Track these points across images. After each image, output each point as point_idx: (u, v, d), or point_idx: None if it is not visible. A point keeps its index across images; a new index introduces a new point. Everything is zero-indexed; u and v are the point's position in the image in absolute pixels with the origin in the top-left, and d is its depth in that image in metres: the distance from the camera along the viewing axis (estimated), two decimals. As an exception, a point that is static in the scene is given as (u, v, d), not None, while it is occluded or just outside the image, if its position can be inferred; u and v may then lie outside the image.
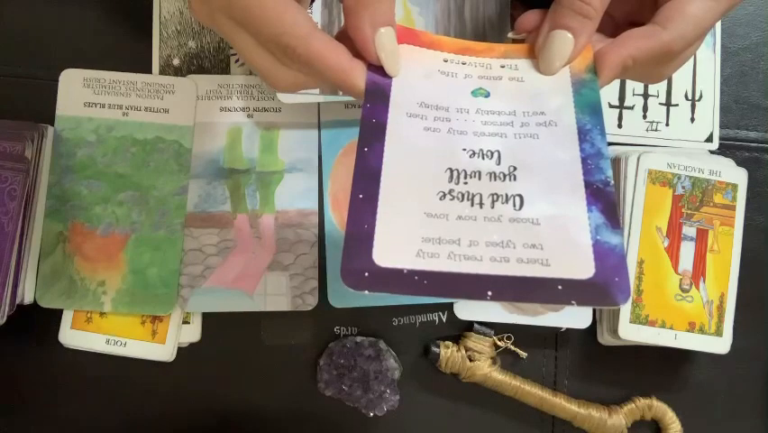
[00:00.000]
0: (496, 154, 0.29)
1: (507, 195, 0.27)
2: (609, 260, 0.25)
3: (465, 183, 0.28)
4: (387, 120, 0.29)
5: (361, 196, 0.27)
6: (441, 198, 0.27)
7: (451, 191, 0.27)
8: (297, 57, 0.29)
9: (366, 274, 0.24)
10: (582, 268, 0.25)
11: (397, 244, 0.25)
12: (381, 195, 0.27)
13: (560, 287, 0.24)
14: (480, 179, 0.28)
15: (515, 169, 0.28)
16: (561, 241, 0.26)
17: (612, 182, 0.27)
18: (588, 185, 0.27)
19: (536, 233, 0.26)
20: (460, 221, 0.26)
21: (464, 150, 0.29)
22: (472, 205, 0.27)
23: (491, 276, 0.25)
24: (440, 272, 0.25)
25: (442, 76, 0.32)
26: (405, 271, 0.25)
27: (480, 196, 0.27)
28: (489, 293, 0.24)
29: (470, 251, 0.25)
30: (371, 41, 0.30)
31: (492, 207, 0.27)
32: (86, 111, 0.46)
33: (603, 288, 0.24)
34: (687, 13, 0.31)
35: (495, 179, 0.28)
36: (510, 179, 0.28)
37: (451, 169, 0.28)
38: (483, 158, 0.29)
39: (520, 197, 0.27)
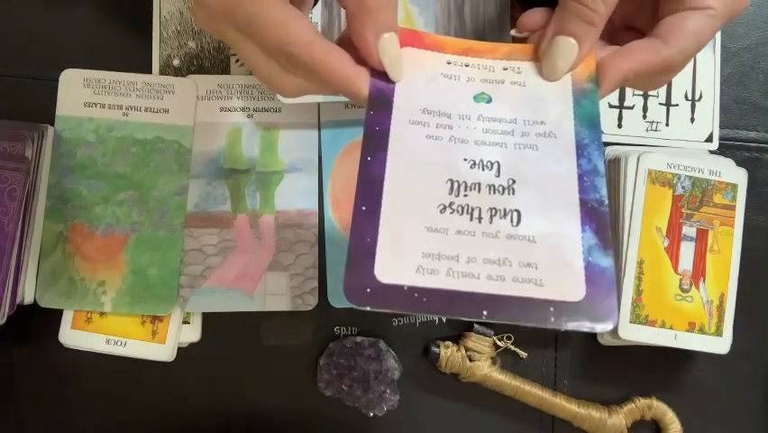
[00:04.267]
0: (495, 166, 0.29)
1: (505, 210, 0.28)
2: (600, 282, 0.26)
3: (465, 196, 0.28)
4: (390, 128, 0.29)
5: (363, 208, 0.27)
6: (441, 211, 0.27)
7: (451, 204, 0.28)
8: (301, 65, 0.29)
9: (368, 290, 0.25)
10: (574, 290, 0.25)
11: (398, 259, 0.26)
12: (384, 208, 0.27)
13: (551, 309, 0.25)
14: (479, 191, 0.28)
15: (513, 182, 0.29)
16: (554, 261, 0.26)
17: (606, 201, 0.28)
18: (583, 203, 0.28)
19: (532, 251, 0.26)
20: (459, 236, 0.27)
21: (465, 160, 0.29)
22: (471, 219, 0.27)
23: (488, 295, 0.25)
24: (439, 290, 0.25)
25: (445, 79, 0.32)
26: (405, 288, 0.25)
27: (480, 210, 0.28)
28: (485, 312, 0.25)
29: (468, 268, 0.26)
30: (374, 48, 0.30)
31: (491, 222, 0.27)
32: (86, 111, 0.46)
33: (592, 311, 0.25)
34: (687, 28, 0.32)
35: (494, 192, 0.28)
36: (509, 193, 0.28)
37: (452, 180, 0.28)
38: (483, 169, 0.29)
39: (518, 212, 0.28)
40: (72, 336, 0.45)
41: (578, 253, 0.26)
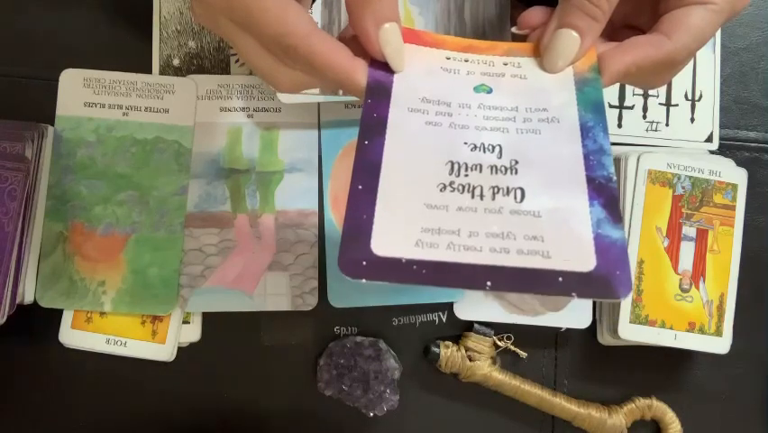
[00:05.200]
0: (497, 148, 0.29)
1: (508, 188, 0.27)
2: (611, 253, 0.25)
3: (466, 176, 0.28)
4: (388, 115, 0.29)
5: (360, 187, 0.26)
6: (441, 190, 0.27)
7: (451, 183, 0.27)
8: (299, 57, 0.29)
9: (364, 263, 0.24)
10: (583, 260, 0.25)
11: (396, 234, 0.25)
12: (381, 186, 0.27)
13: (560, 279, 0.24)
14: (480, 171, 0.28)
15: (516, 162, 0.28)
16: (562, 233, 0.25)
17: (614, 178, 0.27)
18: (590, 180, 0.27)
19: (537, 225, 0.26)
20: (460, 212, 0.26)
21: (465, 143, 0.29)
22: (473, 197, 0.27)
23: (491, 266, 0.24)
24: (439, 262, 0.24)
25: (444, 72, 0.32)
26: (403, 261, 0.24)
27: (481, 188, 0.27)
28: (489, 283, 0.24)
29: (469, 241, 0.25)
30: (375, 38, 0.30)
31: (493, 200, 0.27)
32: (86, 111, 0.46)
33: (604, 281, 0.24)
34: (690, 24, 0.32)
35: (496, 173, 0.28)
36: (512, 173, 0.28)
37: (452, 161, 0.28)
38: (485, 151, 0.29)
39: (521, 189, 0.27)
40: (72, 336, 0.45)
41: (586, 225, 0.26)
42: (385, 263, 0.24)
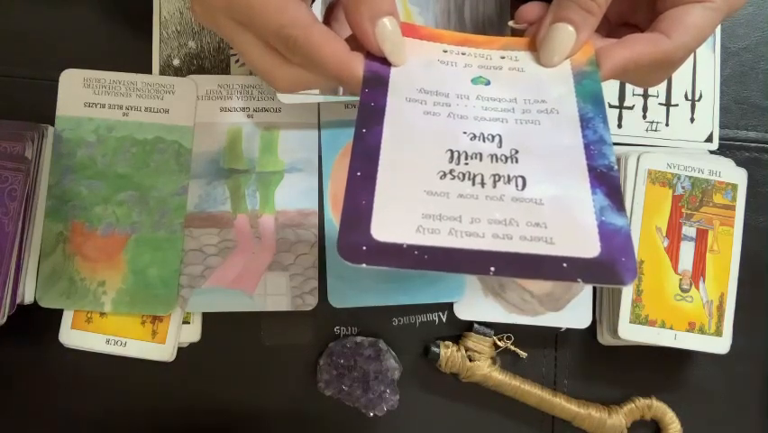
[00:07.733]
0: (497, 138, 0.29)
1: (509, 176, 0.27)
2: (615, 240, 0.25)
3: (466, 164, 0.27)
4: (385, 104, 0.29)
5: (359, 173, 0.26)
6: (441, 178, 0.27)
7: (451, 171, 0.27)
8: (298, 48, 0.29)
9: (364, 248, 0.24)
10: (588, 246, 0.24)
11: (397, 220, 0.25)
12: (380, 173, 0.26)
13: (564, 264, 0.24)
14: (481, 160, 0.28)
15: (516, 152, 0.28)
16: (565, 220, 0.25)
17: (616, 167, 0.27)
18: (591, 169, 0.27)
19: (540, 212, 0.26)
20: (461, 199, 0.26)
21: (465, 133, 0.29)
22: (473, 184, 0.27)
23: (494, 252, 0.24)
24: (441, 247, 0.24)
25: (441, 65, 0.32)
26: (404, 246, 0.24)
27: (482, 176, 0.27)
28: (492, 268, 0.24)
29: (471, 227, 0.25)
30: (372, 34, 0.30)
31: (494, 187, 0.26)
32: (86, 111, 0.46)
33: (609, 267, 0.24)
34: (688, 23, 0.32)
35: (496, 161, 0.28)
36: (512, 162, 0.28)
37: (451, 150, 0.28)
38: (484, 141, 0.28)
39: (522, 178, 0.27)
40: (72, 336, 0.45)
41: (590, 212, 0.25)
42: (385, 249, 0.24)
